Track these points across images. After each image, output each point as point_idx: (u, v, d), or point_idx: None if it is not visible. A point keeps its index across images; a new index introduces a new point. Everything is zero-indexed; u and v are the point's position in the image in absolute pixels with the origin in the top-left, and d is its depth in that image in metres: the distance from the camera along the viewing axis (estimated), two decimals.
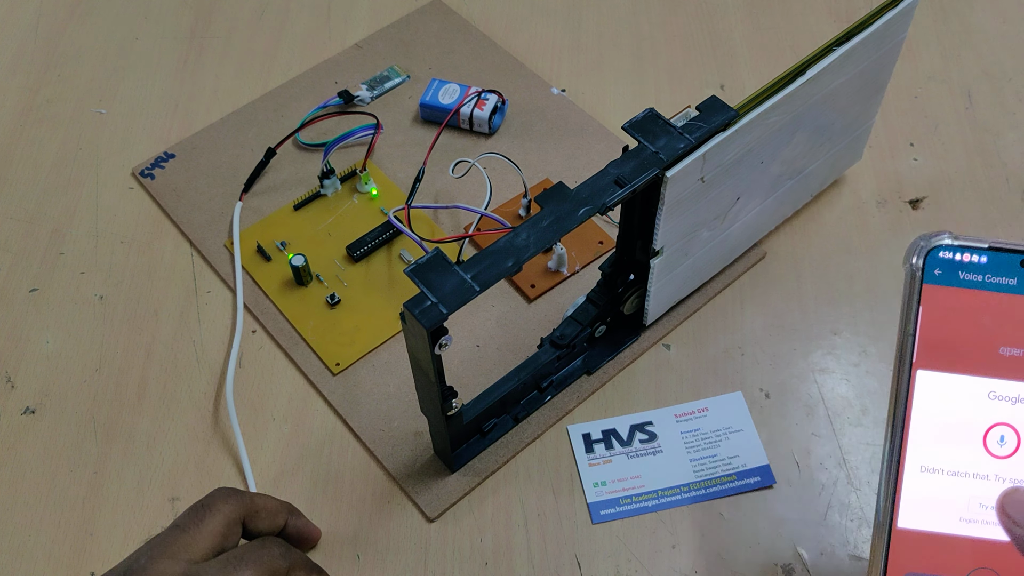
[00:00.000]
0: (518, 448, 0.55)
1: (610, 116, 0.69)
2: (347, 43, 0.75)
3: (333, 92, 0.71)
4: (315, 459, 0.55)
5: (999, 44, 0.73)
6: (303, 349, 0.59)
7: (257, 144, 0.69)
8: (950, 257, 0.37)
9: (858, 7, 0.75)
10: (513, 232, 0.45)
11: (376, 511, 0.53)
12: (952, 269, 0.37)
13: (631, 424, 0.55)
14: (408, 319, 0.43)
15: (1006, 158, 0.66)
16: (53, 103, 0.73)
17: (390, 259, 0.62)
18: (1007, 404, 0.38)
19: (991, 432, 0.38)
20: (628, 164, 0.47)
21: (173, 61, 0.75)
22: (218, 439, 0.56)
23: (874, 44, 0.54)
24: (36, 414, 0.57)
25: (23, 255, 0.64)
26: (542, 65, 0.73)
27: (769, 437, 0.55)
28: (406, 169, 0.67)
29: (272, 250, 0.63)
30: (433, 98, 0.68)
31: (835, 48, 0.51)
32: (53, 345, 0.60)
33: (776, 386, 0.57)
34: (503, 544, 0.52)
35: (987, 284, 0.37)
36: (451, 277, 0.43)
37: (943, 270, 0.37)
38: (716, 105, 0.49)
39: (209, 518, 0.43)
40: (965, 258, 0.37)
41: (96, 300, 0.62)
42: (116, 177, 0.68)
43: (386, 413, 0.56)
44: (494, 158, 0.65)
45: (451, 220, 0.64)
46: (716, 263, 0.59)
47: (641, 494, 0.53)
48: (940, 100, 0.70)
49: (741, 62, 0.73)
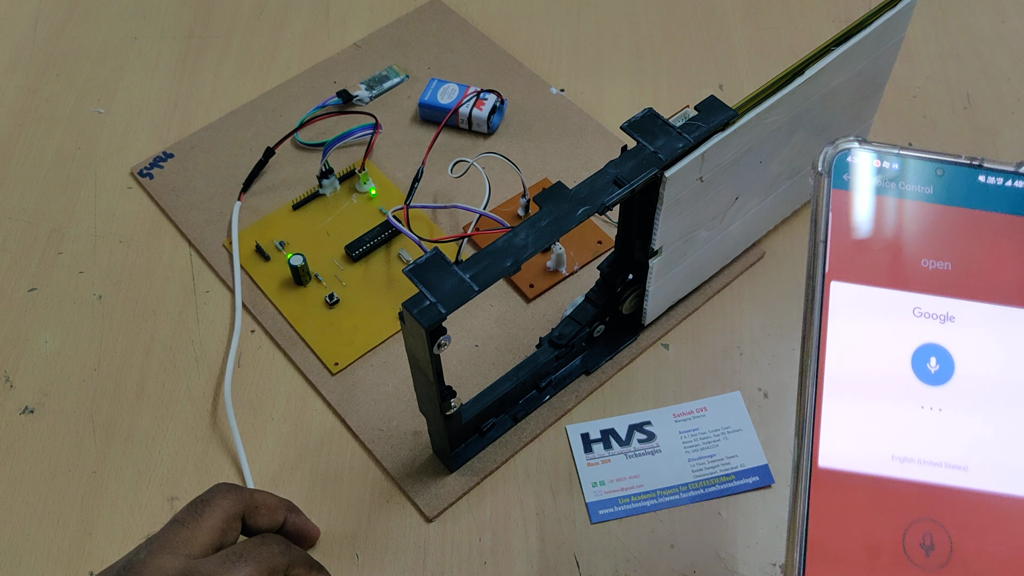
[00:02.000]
0: (517, 448, 0.55)
1: (609, 116, 0.69)
2: (346, 43, 0.75)
3: (332, 92, 0.71)
4: (314, 458, 0.55)
5: (997, 44, 0.73)
6: (302, 349, 0.59)
7: (256, 144, 0.69)
8: (859, 162, 0.35)
9: (856, 7, 0.75)
10: (512, 232, 0.45)
11: (375, 510, 0.53)
12: (863, 175, 0.35)
13: (630, 424, 0.55)
14: (407, 319, 0.43)
15: (1004, 158, 0.66)
16: (52, 102, 0.73)
17: (389, 259, 0.62)
18: (935, 322, 0.34)
19: (919, 353, 0.34)
20: (627, 164, 0.47)
21: (172, 61, 0.75)
22: (217, 438, 0.56)
23: (872, 44, 0.53)
24: (35, 414, 0.57)
25: (22, 255, 0.64)
26: (541, 65, 0.73)
27: (768, 437, 0.55)
28: (405, 169, 0.67)
29: (271, 250, 0.63)
30: (432, 98, 0.68)
31: (834, 48, 0.51)
32: (52, 345, 0.60)
33: (775, 386, 0.57)
34: (502, 544, 0.52)
35: (903, 192, 0.34)
36: (450, 277, 0.43)
37: (853, 176, 0.35)
38: (715, 105, 0.49)
39: (209, 513, 0.43)
40: (876, 163, 0.35)
41: (95, 300, 0.62)
42: (115, 177, 0.68)
43: (385, 413, 0.56)
44: (493, 158, 0.65)
45: (450, 220, 0.64)
46: (715, 262, 0.59)
47: (640, 494, 0.53)
48: (938, 100, 0.70)
49: (740, 62, 0.73)
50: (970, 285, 0.34)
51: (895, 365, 0.34)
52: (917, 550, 0.31)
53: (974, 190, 0.35)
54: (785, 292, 0.60)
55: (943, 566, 0.31)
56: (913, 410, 0.33)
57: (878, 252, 0.34)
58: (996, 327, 0.34)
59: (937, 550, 0.31)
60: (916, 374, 0.34)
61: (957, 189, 0.35)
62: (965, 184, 0.35)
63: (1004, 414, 0.33)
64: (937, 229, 0.34)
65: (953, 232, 0.34)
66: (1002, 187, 0.35)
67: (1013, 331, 0.34)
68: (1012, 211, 0.35)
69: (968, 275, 0.34)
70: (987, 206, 0.35)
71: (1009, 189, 0.35)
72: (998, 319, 0.34)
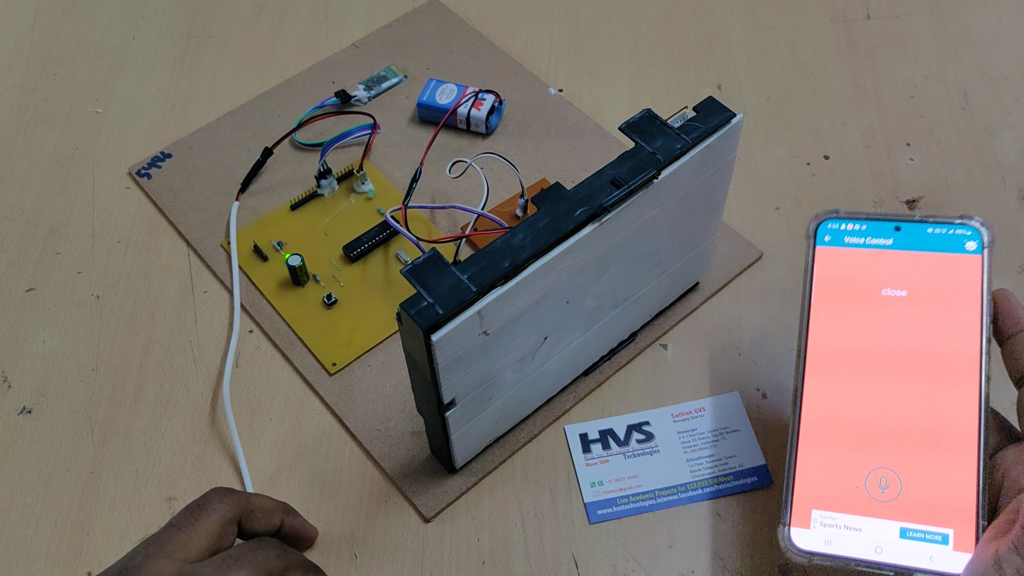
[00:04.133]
0: (515, 448, 0.55)
1: (607, 116, 0.69)
2: (344, 43, 0.75)
3: (330, 92, 0.71)
4: (312, 459, 0.55)
5: (995, 44, 0.73)
6: (300, 349, 0.59)
7: (254, 144, 0.69)
8: (837, 227, 0.48)
9: (855, 7, 0.76)
10: (510, 232, 0.45)
11: (373, 511, 0.53)
12: (839, 235, 0.48)
13: (628, 424, 0.55)
14: (404, 319, 0.43)
15: (1002, 158, 0.66)
16: (49, 102, 0.73)
17: (387, 259, 0.62)
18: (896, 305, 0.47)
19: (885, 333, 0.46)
20: (625, 164, 0.47)
21: (170, 60, 0.75)
22: (215, 439, 0.56)
23: (692, 172, 0.49)
24: (32, 414, 0.57)
25: (19, 255, 0.64)
26: (539, 65, 0.73)
27: (766, 437, 0.55)
28: (403, 169, 0.67)
29: (269, 250, 0.63)
30: (430, 98, 0.68)
31: (631, 194, 0.46)
32: (49, 345, 0.60)
33: (773, 386, 0.57)
34: (500, 544, 0.52)
35: (867, 244, 0.47)
36: (448, 278, 0.43)
37: (832, 237, 0.48)
38: (713, 106, 0.49)
39: (204, 518, 0.43)
40: (849, 227, 0.48)
41: (93, 300, 0.62)
42: (112, 177, 0.68)
43: (383, 413, 0.56)
44: (491, 158, 0.65)
45: (448, 220, 0.64)
46: (540, 395, 0.55)
47: (638, 494, 0.53)
48: (936, 100, 0.70)
49: (738, 62, 0.73)
50: (921, 303, 0.46)
51: (864, 303, 0.46)
52: (876, 489, 0.43)
53: (924, 237, 0.47)
54: (784, 292, 0.60)
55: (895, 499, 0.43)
56: (872, 350, 0.46)
57: (850, 284, 0.47)
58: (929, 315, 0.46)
59: (891, 488, 0.43)
60: (880, 352, 0.46)
61: (911, 237, 0.47)
62: (918, 233, 0.47)
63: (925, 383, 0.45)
64: (895, 267, 0.46)
65: (908, 268, 0.46)
66: (944, 234, 0.47)
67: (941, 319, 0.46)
68: (953, 250, 0.46)
69: (920, 297, 0.46)
70: (935, 248, 0.46)
71: (950, 236, 0.46)
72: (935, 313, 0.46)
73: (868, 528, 0.42)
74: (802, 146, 0.67)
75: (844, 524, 0.43)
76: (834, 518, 0.43)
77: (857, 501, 0.43)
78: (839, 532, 0.42)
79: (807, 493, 0.44)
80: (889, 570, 0.42)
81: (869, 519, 0.42)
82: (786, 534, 0.43)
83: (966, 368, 0.44)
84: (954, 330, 0.45)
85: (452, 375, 0.45)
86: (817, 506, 0.43)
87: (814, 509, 0.43)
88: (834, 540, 0.42)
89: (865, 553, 0.42)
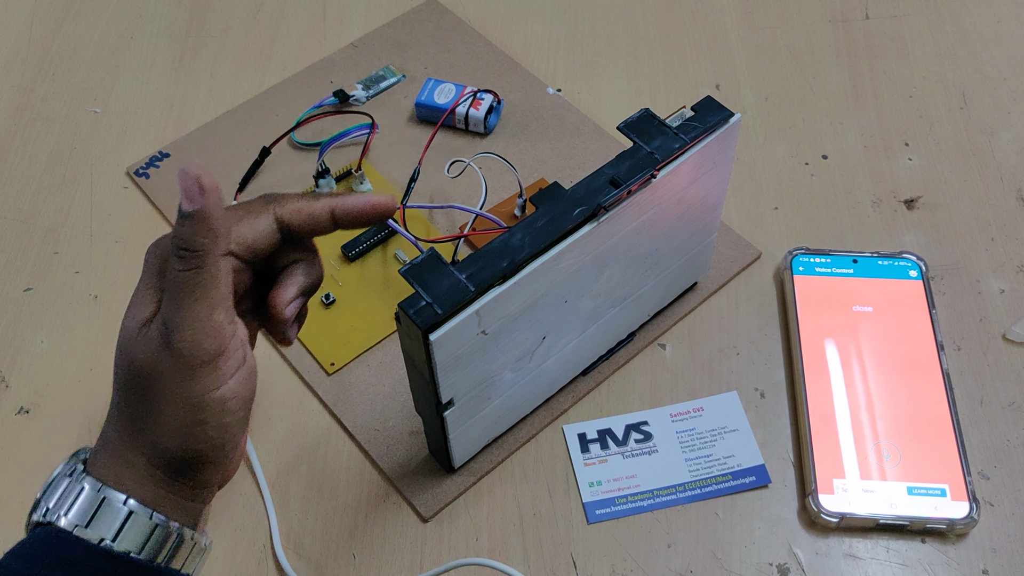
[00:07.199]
0: (513, 448, 0.55)
1: (606, 116, 0.69)
2: (342, 42, 0.75)
3: (328, 92, 0.71)
4: (310, 459, 0.55)
5: (993, 44, 0.73)
6: (298, 349, 0.59)
7: (252, 143, 0.68)
8: (808, 260, 0.60)
9: (854, 7, 0.76)
10: (508, 232, 0.45)
11: (371, 511, 0.53)
12: (810, 266, 0.60)
13: (626, 424, 0.55)
14: (403, 319, 0.43)
15: (1000, 158, 0.66)
16: (47, 102, 0.73)
17: (385, 259, 0.62)
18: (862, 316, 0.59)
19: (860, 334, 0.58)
20: (623, 164, 0.47)
21: (168, 60, 0.75)
22: None
23: (691, 172, 0.49)
24: (30, 414, 0.57)
25: (17, 254, 0.64)
26: (538, 65, 0.73)
27: (764, 437, 0.55)
28: (401, 169, 0.67)
29: None
30: (428, 98, 0.68)
31: (629, 194, 0.46)
32: (47, 345, 0.60)
33: (772, 386, 0.57)
34: (499, 544, 0.52)
35: (833, 273, 0.59)
36: (446, 277, 0.43)
37: (805, 267, 0.60)
38: (711, 105, 0.49)
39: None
40: (817, 260, 0.60)
41: (90, 300, 0.62)
42: (110, 176, 0.68)
43: (381, 413, 0.56)
44: (489, 158, 0.65)
45: (446, 220, 0.64)
46: (538, 395, 0.55)
47: (636, 494, 0.53)
48: (935, 100, 0.70)
49: (736, 62, 0.73)
50: (885, 316, 0.58)
51: (851, 346, 0.57)
52: (881, 459, 0.53)
53: (877, 267, 0.60)
54: (783, 292, 0.60)
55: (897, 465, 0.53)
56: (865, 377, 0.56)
57: (827, 302, 0.58)
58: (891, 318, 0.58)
59: (892, 457, 0.53)
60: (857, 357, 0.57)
61: (867, 267, 0.60)
62: (871, 264, 0.60)
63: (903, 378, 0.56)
64: (856, 291, 0.59)
65: (869, 290, 0.59)
66: (891, 265, 0.60)
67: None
68: (900, 277, 0.59)
69: (883, 311, 0.58)
70: (886, 275, 0.59)
71: (896, 266, 0.60)
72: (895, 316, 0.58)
73: (881, 490, 0.52)
74: (800, 146, 0.67)
75: (861, 488, 0.52)
76: (852, 484, 0.52)
77: (868, 469, 0.52)
78: (858, 495, 0.51)
79: (827, 467, 0.52)
80: (905, 521, 0.50)
81: (881, 482, 0.52)
82: (817, 501, 0.51)
83: (929, 363, 0.56)
84: (914, 335, 0.57)
85: (450, 375, 0.45)
86: (837, 476, 0.52)
87: (834, 479, 0.52)
88: (855, 501, 0.51)
89: (883, 509, 0.51)
